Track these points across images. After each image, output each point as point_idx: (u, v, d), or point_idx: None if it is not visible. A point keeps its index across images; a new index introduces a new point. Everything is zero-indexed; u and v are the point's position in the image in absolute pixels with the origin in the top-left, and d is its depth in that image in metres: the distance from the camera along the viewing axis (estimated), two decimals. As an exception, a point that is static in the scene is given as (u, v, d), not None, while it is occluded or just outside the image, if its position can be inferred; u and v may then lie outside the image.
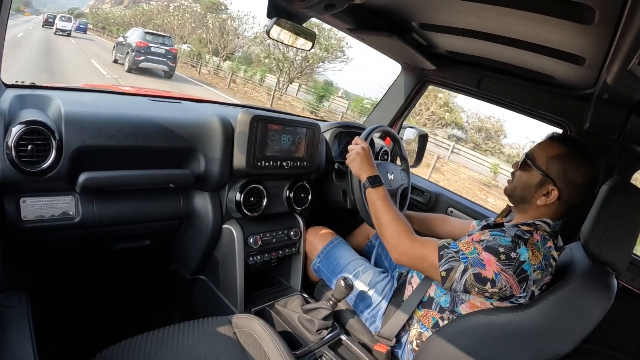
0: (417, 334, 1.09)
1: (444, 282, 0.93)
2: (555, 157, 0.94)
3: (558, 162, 0.93)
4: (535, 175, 0.96)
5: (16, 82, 1.07)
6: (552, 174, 0.93)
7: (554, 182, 0.93)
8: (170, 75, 12.82)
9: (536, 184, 0.95)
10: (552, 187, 0.93)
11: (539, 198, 0.95)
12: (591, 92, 1.22)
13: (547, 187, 0.94)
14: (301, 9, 1.05)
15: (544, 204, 0.95)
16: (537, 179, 0.95)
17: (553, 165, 0.93)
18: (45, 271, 1.15)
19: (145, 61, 11.89)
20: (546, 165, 0.94)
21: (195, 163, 1.17)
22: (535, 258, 0.87)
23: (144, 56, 11.83)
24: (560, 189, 0.92)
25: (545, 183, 0.94)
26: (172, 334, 0.94)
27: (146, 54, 11.84)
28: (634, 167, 1.29)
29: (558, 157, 0.93)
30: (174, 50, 12.67)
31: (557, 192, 0.93)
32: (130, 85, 8.66)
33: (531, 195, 0.96)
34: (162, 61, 12.23)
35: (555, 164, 0.93)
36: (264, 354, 0.93)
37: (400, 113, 1.90)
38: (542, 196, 0.94)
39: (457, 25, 1.15)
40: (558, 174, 0.93)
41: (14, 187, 0.90)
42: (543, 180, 0.94)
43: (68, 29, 25.37)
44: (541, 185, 0.95)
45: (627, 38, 0.66)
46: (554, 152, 0.95)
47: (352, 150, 1.20)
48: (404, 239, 1.02)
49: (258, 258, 1.29)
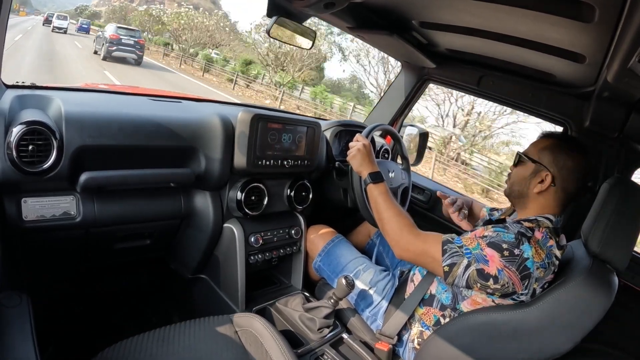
0: (419, 332, 1.09)
1: (446, 277, 0.93)
2: (545, 147, 1.00)
3: (548, 151, 0.99)
4: (529, 166, 1.00)
5: (16, 83, 1.07)
6: (544, 161, 0.98)
7: (546, 169, 0.97)
8: (139, 62, 15.25)
9: (530, 174, 1.00)
10: (545, 172, 0.97)
11: (535, 186, 0.98)
12: (591, 90, 1.21)
13: (540, 175, 0.98)
14: (301, 8, 1.05)
15: (539, 191, 0.98)
16: (531, 169, 1.00)
17: (544, 155, 0.99)
18: (45, 271, 1.16)
19: (117, 51, 14.51)
20: (538, 156, 1.00)
21: (196, 162, 1.17)
22: (539, 256, 0.88)
23: (116, 46, 14.44)
24: (553, 174, 0.96)
25: (539, 171, 0.98)
26: (172, 333, 0.94)
27: (118, 44, 14.44)
28: (634, 165, 1.29)
29: (548, 147, 0.99)
30: (142, 41, 15.31)
31: (550, 177, 0.96)
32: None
33: (527, 187, 1.00)
34: (131, 50, 14.83)
35: (546, 153, 0.99)
36: (265, 352, 0.93)
37: (401, 111, 1.90)
38: (538, 184, 0.98)
39: (458, 23, 1.15)
40: (549, 160, 0.97)
41: (15, 187, 0.90)
42: (536, 169, 0.99)
43: (64, 27, 27.44)
44: (535, 174, 0.99)
45: (627, 36, 0.66)
46: (544, 144, 1.00)
47: (353, 147, 1.20)
48: (406, 234, 1.02)
49: (259, 257, 1.29)
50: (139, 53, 14.98)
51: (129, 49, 14.74)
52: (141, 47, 15.10)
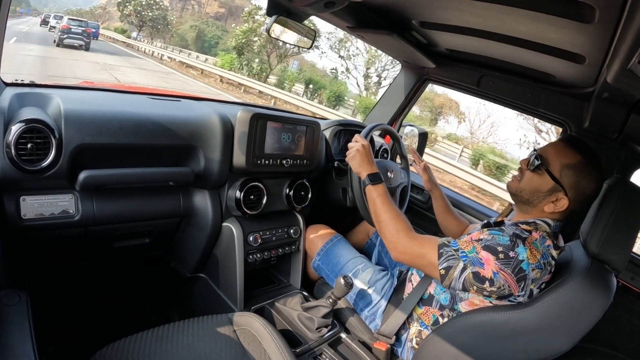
0: (417, 332, 1.09)
1: (442, 280, 0.93)
2: (569, 165, 0.92)
3: (572, 172, 0.91)
4: (548, 181, 0.94)
5: (16, 81, 1.07)
6: (564, 183, 0.92)
7: (564, 192, 0.92)
8: (87, 48, 18.13)
9: (546, 191, 0.94)
10: (562, 195, 0.92)
11: (546, 204, 0.94)
12: (591, 91, 1.21)
13: (557, 195, 0.93)
14: (301, 7, 1.05)
15: (551, 211, 0.94)
16: (549, 186, 0.94)
17: (566, 175, 0.92)
18: (44, 269, 1.16)
19: (67, 38, 17.39)
20: (559, 173, 0.92)
21: (195, 161, 1.16)
22: (534, 257, 0.87)
23: (66, 35, 17.35)
24: (571, 199, 0.92)
25: (556, 191, 0.93)
26: (171, 332, 0.94)
27: (68, 33, 17.37)
28: (633, 166, 1.29)
29: (572, 167, 0.92)
30: (89, 30, 18.27)
31: (567, 202, 0.92)
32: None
33: (539, 201, 0.96)
34: (80, 38, 17.76)
35: (569, 174, 0.92)
36: (263, 352, 0.93)
37: (400, 111, 1.90)
38: (551, 203, 0.94)
39: (458, 23, 1.15)
40: (570, 184, 0.91)
41: (13, 186, 0.90)
42: (555, 187, 0.93)
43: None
44: (551, 192, 0.94)
45: (627, 36, 0.66)
46: (569, 160, 0.92)
47: (352, 147, 1.19)
48: (403, 237, 1.02)
49: (258, 256, 1.29)
50: (86, 40, 17.97)
51: (77, 37, 17.65)
52: (88, 35, 18.12)
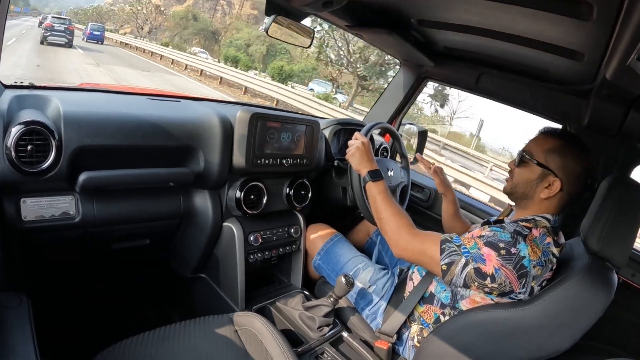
0: (418, 330, 1.09)
1: (444, 275, 0.93)
2: (552, 149, 0.96)
3: (556, 155, 0.95)
4: (535, 169, 0.97)
5: (15, 83, 1.07)
6: (551, 166, 0.95)
7: (554, 174, 0.94)
8: (70, 45, 18.49)
9: (537, 178, 0.97)
10: (553, 178, 0.94)
11: (541, 191, 0.96)
12: (590, 88, 1.21)
13: (548, 180, 0.95)
14: (299, 6, 1.05)
15: (547, 197, 0.96)
16: (538, 173, 0.97)
17: (552, 159, 0.95)
18: (45, 271, 1.16)
19: (51, 36, 17.80)
20: (544, 159, 0.96)
21: (195, 161, 1.16)
22: (535, 254, 0.88)
23: (50, 32, 17.78)
24: (562, 179, 0.94)
25: (546, 176, 0.95)
26: (172, 333, 0.94)
27: (51, 31, 17.80)
28: (633, 162, 1.29)
29: (555, 150, 0.96)
30: (71, 27, 18.67)
31: (559, 183, 0.94)
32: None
33: (533, 190, 0.98)
34: (63, 35, 18.11)
35: (554, 157, 0.95)
36: (265, 351, 0.93)
37: (400, 110, 1.90)
38: (545, 189, 0.96)
39: (456, 21, 1.15)
40: (558, 165, 0.94)
41: (14, 188, 0.90)
42: (544, 173, 0.96)
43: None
44: (542, 178, 0.96)
45: (626, 33, 0.66)
46: (550, 145, 0.97)
47: (352, 145, 1.19)
48: (404, 234, 1.02)
49: (258, 256, 1.29)
50: (68, 37, 18.45)
51: (60, 34, 18.08)
52: (71, 32, 18.59)
